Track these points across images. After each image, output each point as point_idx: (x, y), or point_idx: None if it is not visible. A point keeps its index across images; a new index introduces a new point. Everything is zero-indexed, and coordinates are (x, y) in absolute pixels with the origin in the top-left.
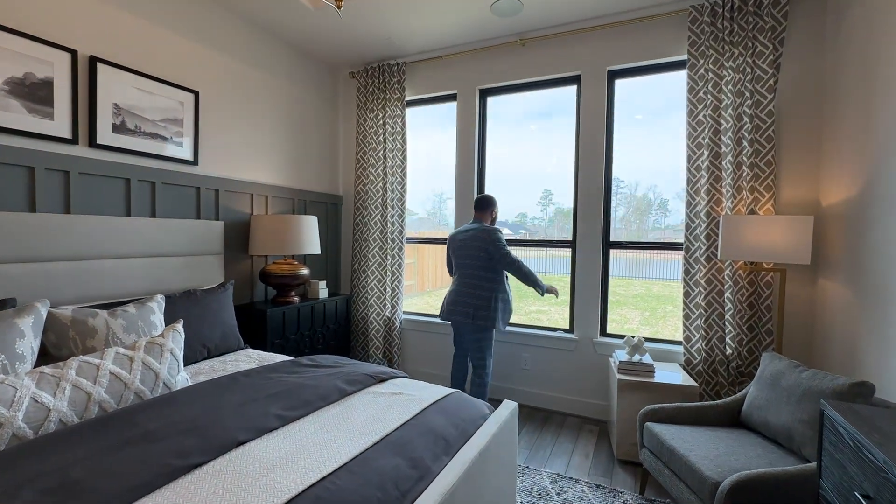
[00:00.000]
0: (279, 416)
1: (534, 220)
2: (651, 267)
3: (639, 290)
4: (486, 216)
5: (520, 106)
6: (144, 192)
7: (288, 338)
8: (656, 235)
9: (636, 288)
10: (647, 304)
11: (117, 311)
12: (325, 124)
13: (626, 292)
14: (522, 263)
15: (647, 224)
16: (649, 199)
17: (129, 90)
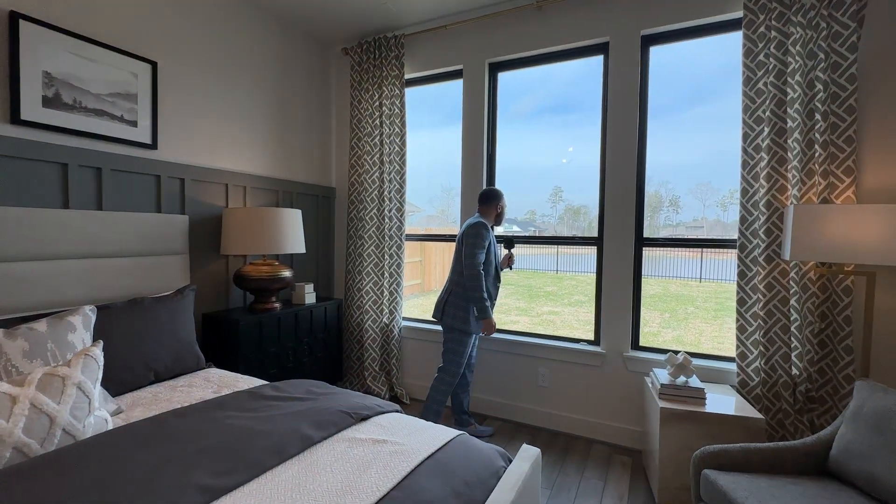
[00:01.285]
0: (205, 487)
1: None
2: (666, 265)
3: (656, 289)
4: (490, 211)
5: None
6: (87, 181)
7: (266, 351)
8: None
9: (653, 287)
10: (667, 305)
11: (19, 330)
12: (316, 108)
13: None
14: (477, 274)
15: (657, 221)
16: (660, 196)
17: (66, 56)
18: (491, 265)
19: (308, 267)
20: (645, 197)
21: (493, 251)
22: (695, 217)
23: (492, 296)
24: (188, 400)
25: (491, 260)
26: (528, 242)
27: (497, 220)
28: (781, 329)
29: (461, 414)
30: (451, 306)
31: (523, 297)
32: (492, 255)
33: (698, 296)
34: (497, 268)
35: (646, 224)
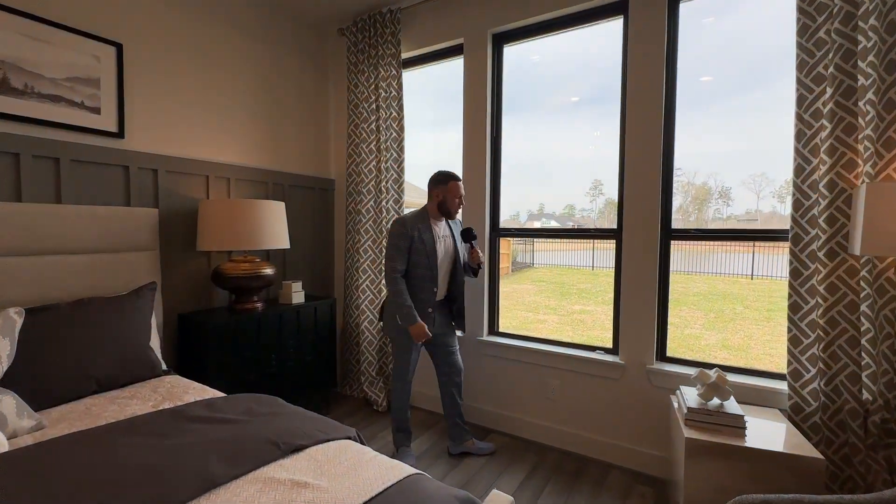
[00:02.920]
0: None
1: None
2: (713, 260)
3: (700, 286)
4: (431, 200)
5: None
6: (44, 172)
7: (243, 356)
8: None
9: (697, 284)
10: (712, 305)
11: None
12: (312, 94)
13: (685, 289)
14: (392, 279)
15: (706, 215)
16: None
17: (14, 38)
18: (427, 267)
19: (303, 264)
20: (673, 184)
21: (436, 249)
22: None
23: (427, 301)
24: (121, 415)
25: (424, 262)
26: (539, 236)
27: (442, 210)
28: (849, 342)
29: (453, 423)
30: (386, 310)
31: (554, 295)
32: (426, 256)
33: (749, 294)
34: (454, 268)
35: (692, 217)
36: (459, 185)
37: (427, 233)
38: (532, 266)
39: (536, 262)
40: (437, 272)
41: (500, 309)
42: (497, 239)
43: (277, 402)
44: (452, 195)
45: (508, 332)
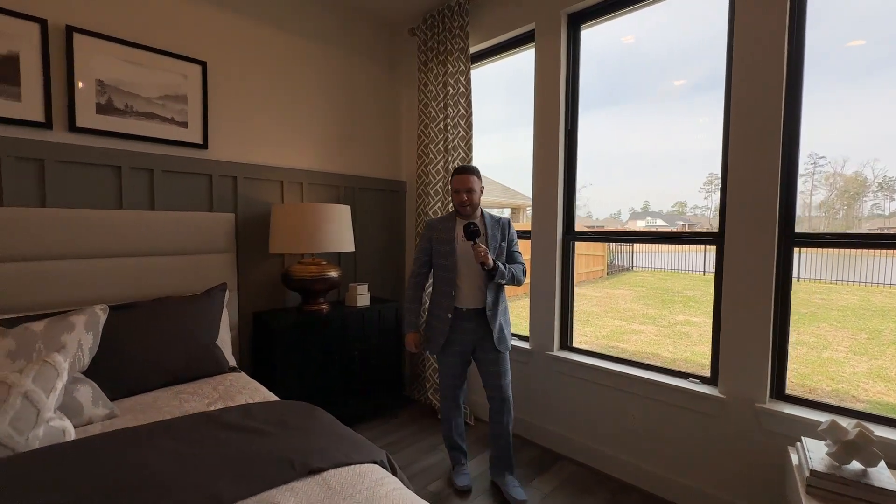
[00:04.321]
0: None
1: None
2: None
3: (848, 298)
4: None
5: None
6: (141, 182)
7: (308, 357)
8: (876, 225)
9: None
10: (864, 323)
11: (15, 329)
12: (384, 96)
13: (826, 302)
14: (408, 281)
15: (859, 211)
16: (864, 179)
17: (117, 64)
18: (445, 269)
19: (374, 267)
20: (798, 176)
21: (454, 250)
22: None
23: (444, 306)
24: (178, 411)
25: (442, 263)
26: (613, 240)
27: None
28: None
29: (494, 454)
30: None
31: (654, 302)
32: (444, 257)
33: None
34: (453, 266)
35: (840, 214)
36: (461, 178)
37: (447, 233)
38: (631, 269)
39: (637, 265)
40: (456, 274)
41: (573, 321)
42: (570, 243)
43: (314, 413)
44: (453, 189)
45: (584, 347)
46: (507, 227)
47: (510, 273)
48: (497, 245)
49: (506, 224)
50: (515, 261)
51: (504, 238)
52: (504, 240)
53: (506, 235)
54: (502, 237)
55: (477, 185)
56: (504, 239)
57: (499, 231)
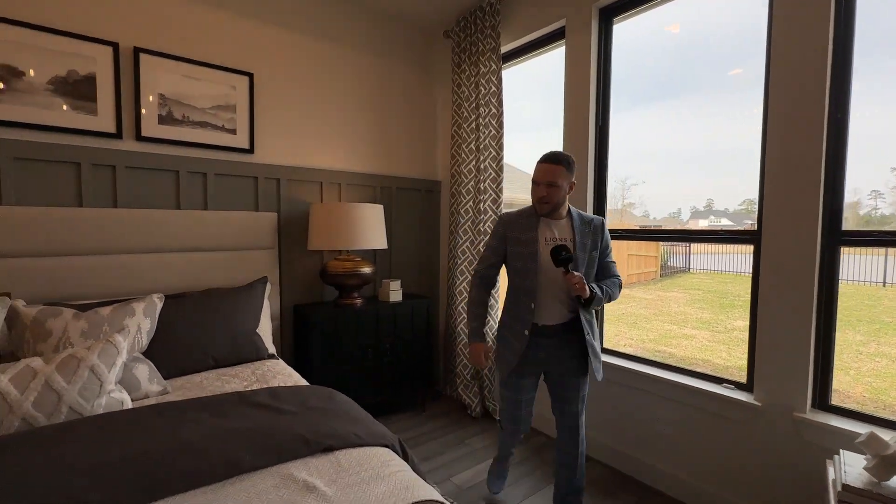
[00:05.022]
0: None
1: None
2: None
3: None
4: None
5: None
6: (195, 185)
7: (342, 348)
8: None
9: None
10: None
11: (87, 312)
12: (420, 98)
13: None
14: (472, 281)
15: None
16: None
17: (175, 78)
18: (524, 275)
19: (409, 264)
20: (846, 169)
21: (537, 253)
22: None
23: (521, 319)
24: (220, 390)
25: (520, 268)
26: (646, 239)
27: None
28: None
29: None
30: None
31: (710, 306)
32: (523, 261)
33: None
34: (533, 275)
35: (862, 211)
36: (543, 168)
37: (529, 233)
38: (687, 271)
39: (693, 266)
40: (537, 284)
41: (603, 323)
42: None
43: (334, 396)
44: (533, 181)
45: (623, 351)
46: (600, 232)
47: (607, 296)
48: (587, 256)
49: (598, 227)
50: (610, 273)
51: (596, 247)
52: (596, 249)
53: (598, 243)
54: (593, 245)
55: (564, 178)
56: (596, 248)
57: (589, 237)
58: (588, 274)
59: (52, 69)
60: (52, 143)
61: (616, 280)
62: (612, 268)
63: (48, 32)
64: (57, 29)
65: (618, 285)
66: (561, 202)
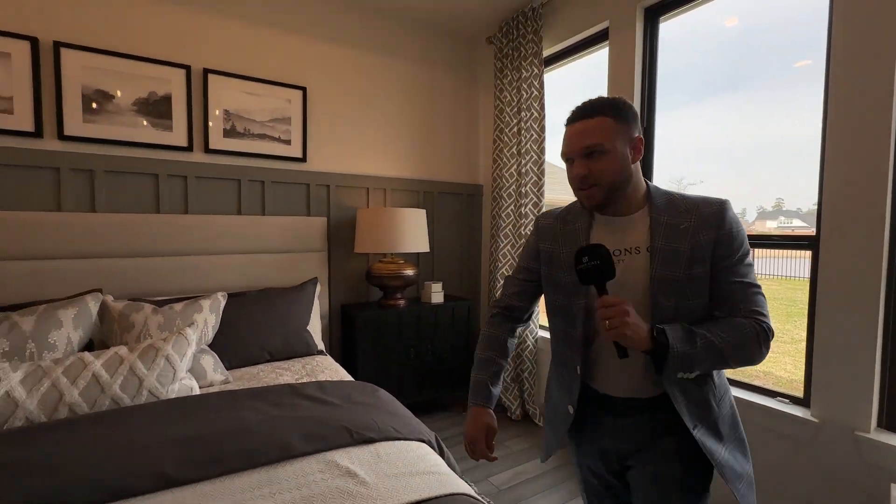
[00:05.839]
0: (162, 475)
1: None
2: None
3: None
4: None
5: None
6: (255, 192)
7: (385, 346)
8: None
9: None
10: None
11: (163, 308)
12: (463, 104)
13: None
14: (488, 312)
15: None
16: None
17: (238, 95)
18: (563, 313)
19: (451, 267)
20: None
21: (569, 279)
22: None
23: (566, 385)
24: (274, 381)
25: (558, 301)
26: None
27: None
28: None
29: None
30: None
31: (774, 315)
32: (561, 289)
33: None
34: (579, 313)
35: None
36: (572, 131)
37: (572, 245)
38: None
39: (758, 270)
40: (589, 329)
41: None
42: None
43: (376, 392)
44: (564, 157)
45: None
46: (714, 228)
47: (710, 353)
48: (680, 273)
49: (712, 219)
50: (741, 308)
51: (704, 256)
52: (704, 260)
53: (710, 248)
54: (697, 252)
55: (616, 136)
56: (704, 259)
57: (687, 239)
58: (684, 309)
59: (136, 91)
60: (136, 157)
61: (745, 324)
62: (749, 295)
63: (133, 59)
64: (140, 56)
65: (750, 333)
66: (622, 181)
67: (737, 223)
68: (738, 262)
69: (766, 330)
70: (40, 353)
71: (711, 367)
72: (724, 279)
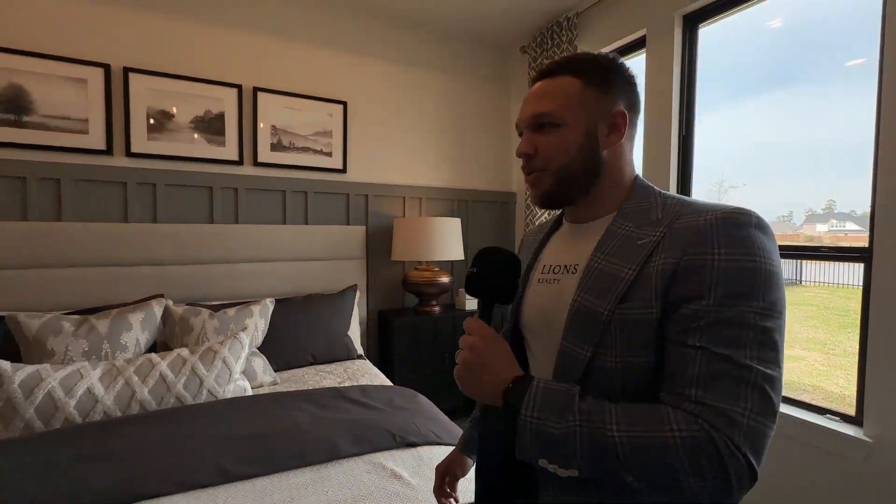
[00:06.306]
0: (221, 469)
1: None
2: None
3: None
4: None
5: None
6: (298, 202)
7: (421, 352)
8: None
9: None
10: None
11: (218, 313)
12: (496, 113)
13: None
14: None
15: None
16: None
17: (284, 111)
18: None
19: None
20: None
21: (524, 296)
22: None
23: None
24: (319, 384)
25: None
26: None
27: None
28: None
29: None
30: None
31: (826, 325)
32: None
33: None
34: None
35: None
36: (527, 99)
37: (530, 253)
38: (799, 283)
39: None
40: (525, 347)
41: None
42: None
43: (416, 398)
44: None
45: None
46: (679, 248)
47: (594, 449)
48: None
49: (683, 234)
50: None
51: (649, 293)
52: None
53: (659, 279)
54: (641, 278)
55: (571, 101)
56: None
57: (639, 258)
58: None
59: (193, 110)
60: (193, 171)
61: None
62: (713, 378)
63: (191, 81)
64: (198, 77)
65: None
66: (581, 169)
67: (733, 247)
68: (714, 313)
69: (718, 450)
70: (113, 352)
71: (594, 471)
72: (676, 338)
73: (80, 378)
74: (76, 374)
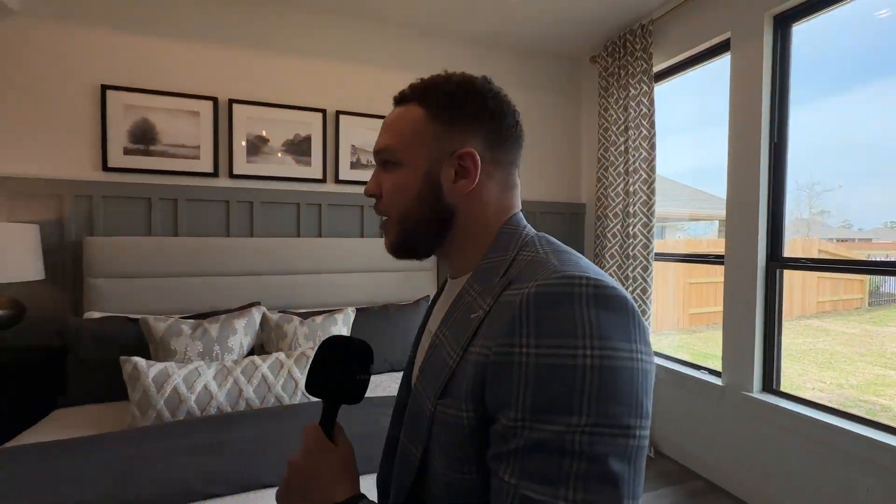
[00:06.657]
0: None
1: None
2: None
3: None
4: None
5: None
6: (374, 217)
7: None
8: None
9: None
10: None
11: (307, 320)
12: (563, 122)
13: None
14: None
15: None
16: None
17: (362, 131)
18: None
19: None
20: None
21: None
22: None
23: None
24: (382, 392)
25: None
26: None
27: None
28: None
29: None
30: None
31: None
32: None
33: None
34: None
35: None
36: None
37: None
38: None
39: None
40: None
41: (780, 362)
42: (778, 272)
43: None
44: None
45: (804, 397)
46: (498, 333)
47: None
48: (430, 400)
49: (505, 311)
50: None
51: (465, 392)
52: (462, 398)
53: (475, 375)
54: (462, 367)
55: (412, 137)
56: (463, 396)
57: (465, 339)
58: (437, 474)
59: (284, 134)
60: (283, 189)
61: None
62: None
63: (284, 108)
64: (289, 105)
65: None
66: (422, 220)
67: (543, 336)
68: (522, 433)
69: None
70: (222, 354)
71: None
72: (491, 465)
73: (199, 376)
74: (195, 373)
